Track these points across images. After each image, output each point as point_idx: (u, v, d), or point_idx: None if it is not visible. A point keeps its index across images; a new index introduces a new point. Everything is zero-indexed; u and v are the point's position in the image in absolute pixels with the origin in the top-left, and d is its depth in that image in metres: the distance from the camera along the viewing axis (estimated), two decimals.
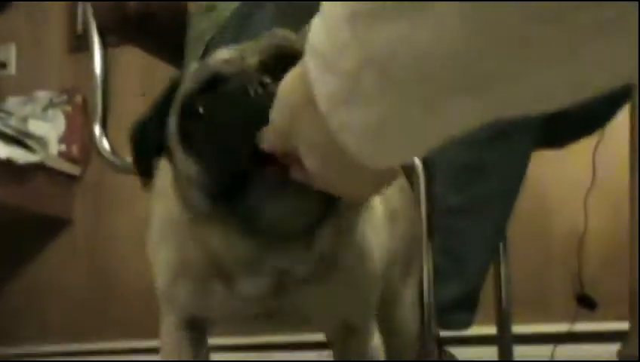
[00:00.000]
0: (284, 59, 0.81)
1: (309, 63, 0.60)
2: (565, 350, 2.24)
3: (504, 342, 1.90)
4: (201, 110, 0.85)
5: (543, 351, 2.24)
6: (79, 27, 3.23)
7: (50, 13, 3.34)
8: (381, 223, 1.08)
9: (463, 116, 0.55)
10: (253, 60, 0.85)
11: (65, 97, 3.16)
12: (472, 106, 0.53)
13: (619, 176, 2.19)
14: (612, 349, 2.06)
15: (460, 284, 1.53)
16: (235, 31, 1.59)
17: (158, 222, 1.06)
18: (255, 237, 0.89)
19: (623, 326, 1.59)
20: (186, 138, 0.87)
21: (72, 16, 3.28)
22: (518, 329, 1.96)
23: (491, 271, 1.79)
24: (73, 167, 3.16)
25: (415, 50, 0.51)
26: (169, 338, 1.13)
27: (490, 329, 1.94)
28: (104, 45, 1.71)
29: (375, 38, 0.52)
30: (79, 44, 3.21)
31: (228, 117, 0.81)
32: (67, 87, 3.18)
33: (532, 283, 2.46)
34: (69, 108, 3.14)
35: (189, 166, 0.87)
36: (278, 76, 0.77)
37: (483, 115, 0.55)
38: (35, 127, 2.99)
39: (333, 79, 0.57)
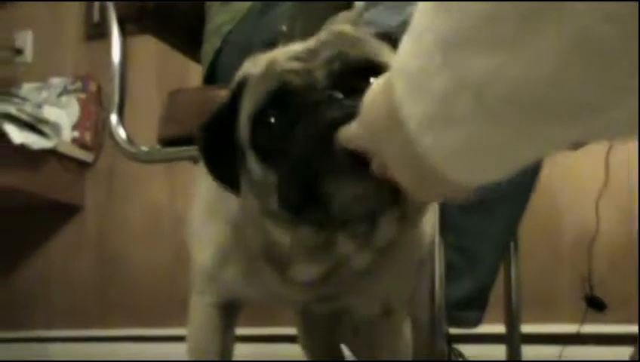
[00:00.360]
0: (352, 71, 0.84)
1: (396, 84, 0.61)
2: (573, 351, 2.23)
3: (513, 341, 1.90)
4: (273, 123, 0.85)
5: (551, 351, 2.23)
6: (96, 15, 3.24)
7: (68, 1, 3.35)
8: (431, 216, 1.10)
9: (553, 141, 0.55)
10: (320, 73, 0.85)
11: (79, 84, 3.17)
12: (565, 132, 0.53)
13: (631, 179, 2.19)
14: (620, 351, 2.06)
15: (471, 282, 1.53)
16: (252, 25, 1.60)
17: (209, 198, 1.06)
18: (325, 228, 0.89)
19: (632, 328, 1.59)
20: (260, 149, 0.88)
21: (89, 5, 3.28)
22: (526, 328, 1.96)
23: (501, 270, 1.79)
24: (86, 154, 3.17)
25: (512, 80, 0.51)
26: (201, 315, 1.13)
27: (499, 328, 1.94)
28: (123, 34, 1.71)
29: (469, 66, 0.53)
30: (95, 32, 3.21)
31: (302, 133, 0.82)
32: (82, 75, 3.19)
33: (541, 283, 2.46)
34: (83, 96, 3.15)
35: (266, 176, 0.88)
36: (345, 88, 0.81)
37: (573, 139, 0.55)
38: (50, 113, 3.00)
39: (424, 102, 0.57)
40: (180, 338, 1.23)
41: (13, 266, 3.35)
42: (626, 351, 1.99)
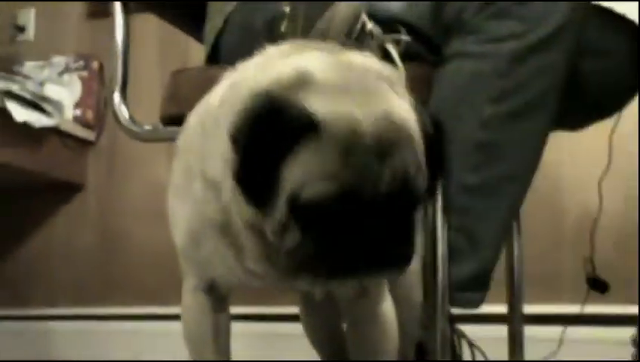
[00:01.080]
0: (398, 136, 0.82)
1: None
2: (575, 332, 2.24)
3: (514, 321, 1.91)
4: (329, 215, 0.82)
5: (553, 332, 2.24)
6: None
7: None
8: None
9: None
10: (368, 132, 0.81)
11: (81, 63, 3.16)
12: None
13: (634, 159, 2.18)
14: (622, 332, 2.06)
15: (473, 263, 1.53)
16: (254, 4, 1.59)
17: (180, 179, 1.05)
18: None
19: (634, 309, 1.59)
20: (304, 220, 0.84)
21: None
22: (528, 309, 1.97)
23: (504, 251, 1.79)
24: (88, 132, 3.17)
25: None
26: (189, 299, 1.12)
27: (501, 308, 1.94)
28: (125, 12, 1.70)
29: None
30: (97, 10, 3.20)
31: (353, 250, 0.82)
32: (84, 53, 3.18)
33: (544, 264, 2.46)
34: (85, 74, 3.14)
35: (296, 237, 0.85)
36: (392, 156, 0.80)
37: None
38: (52, 91, 2.99)
39: None
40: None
41: (14, 244, 3.35)
42: (628, 332, 1.99)
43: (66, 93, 3.05)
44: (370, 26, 1.42)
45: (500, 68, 1.46)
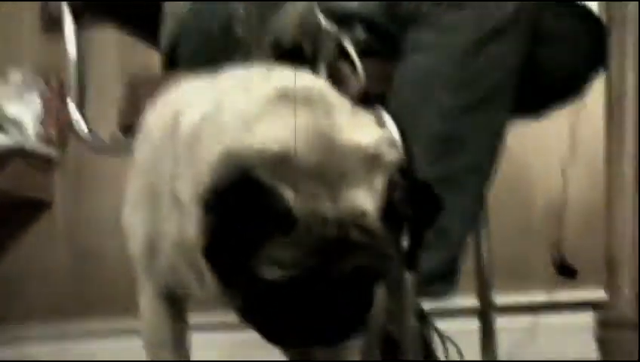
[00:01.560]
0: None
1: None
2: (547, 319, 2.25)
3: (486, 312, 1.91)
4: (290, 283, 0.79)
5: (525, 321, 2.25)
6: (51, 7, 3.19)
7: None
8: None
9: None
10: (338, 226, 0.78)
11: (40, 79, 3.13)
12: None
13: (598, 145, 2.20)
14: (591, 317, 2.07)
15: (439, 254, 1.53)
16: (209, 8, 1.58)
17: (140, 196, 1.03)
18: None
19: (603, 294, 1.60)
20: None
21: None
22: (499, 299, 1.97)
23: (471, 241, 1.79)
24: (52, 150, 3.14)
25: None
26: (147, 308, 1.11)
27: (472, 301, 1.95)
28: (78, 25, 1.69)
29: None
30: (53, 25, 3.17)
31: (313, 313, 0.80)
32: (43, 69, 3.15)
33: (513, 254, 2.47)
34: (45, 90, 3.11)
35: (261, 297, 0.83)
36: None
37: None
38: (11, 110, 2.96)
39: None
40: None
41: None
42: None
43: (25, 111, 3.02)
44: (324, 23, 1.42)
45: (455, 59, 1.46)
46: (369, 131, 0.80)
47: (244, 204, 0.77)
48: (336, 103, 0.82)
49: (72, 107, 1.67)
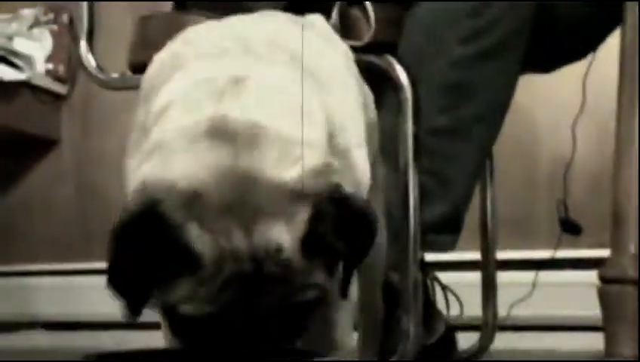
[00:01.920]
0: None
1: None
2: (548, 276, 2.25)
3: (488, 267, 1.92)
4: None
5: (526, 276, 2.25)
6: None
7: None
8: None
9: None
10: (243, 245, 0.76)
11: (51, 16, 3.11)
12: None
13: (608, 102, 2.18)
14: (594, 274, 2.07)
15: (444, 205, 1.53)
16: None
17: (133, 134, 1.03)
18: None
19: (606, 252, 1.60)
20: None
21: None
22: (501, 254, 1.97)
23: (477, 195, 1.79)
24: (60, 86, 3.13)
25: None
26: None
27: (475, 255, 1.95)
28: None
29: None
30: None
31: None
32: (54, 6, 3.13)
33: (517, 209, 2.47)
34: (55, 27, 3.09)
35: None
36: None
37: None
38: (21, 45, 2.95)
39: None
40: None
41: None
42: None
43: (36, 48, 3.01)
44: None
45: (469, 7, 1.45)
46: (294, 166, 0.78)
47: (145, 239, 0.77)
48: (270, 136, 0.80)
49: (82, 44, 1.66)
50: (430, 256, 1.79)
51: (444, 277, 1.87)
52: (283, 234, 0.76)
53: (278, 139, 0.79)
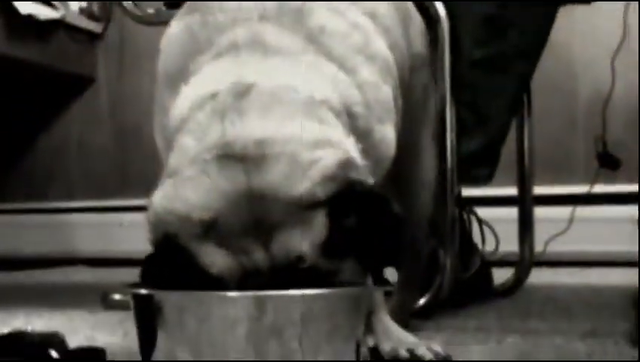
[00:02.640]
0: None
1: None
2: (585, 211, 2.24)
3: (525, 202, 1.91)
4: None
5: (563, 212, 2.25)
6: None
7: None
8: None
9: None
10: (262, 260, 0.78)
11: None
12: None
13: None
14: (631, 210, 2.06)
15: (481, 138, 1.52)
16: None
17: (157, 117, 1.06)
18: None
19: None
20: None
21: None
22: (538, 190, 1.97)
23: (514, 130, 1.78)
24: (94, 24, 3.14)
25: None
26: None
27: (512, 190, 1.94)
28: None
29: None
30: None
31: None
32: None
33: (555, 145, 2.45)
34: None
35: None
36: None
37: None
38: None
39: None
40: None
41: (30, 139, 3.37)
42: (636, 210, 1.99)
43: None
44: None
45: None
46: (306, 174, 0.78)
47: (169, 269, 0.80)
48: (277, 149, 0.79)
49: None
50: (467, 192, 1.79)
51: (481, 212, 1.87)
52: (302, 243, 0.77)
53: (286, 151, 0.79)
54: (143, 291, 0.79)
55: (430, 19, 1.42)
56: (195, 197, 0.79)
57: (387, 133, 1.01)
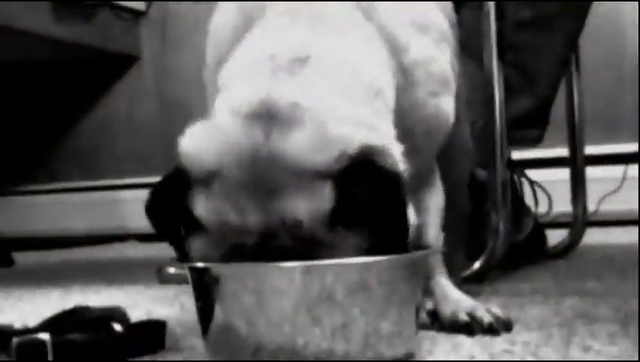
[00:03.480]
0: None
1: None
2: (636, 170, 2.22)
3: (576, 162, 1.89)
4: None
5: (615, 170, 2.22)
6: None
7: None
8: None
9: None
10: (255, 221, 0.79)
11: None
12: None
13: None
14: None
15: (530, 98, 1.51)
16: None
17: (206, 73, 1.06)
18: None
19: None
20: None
21: None
22: (589, 150, 1.95)
23: (563, 90, 1.76)
24: (138, 3, 3.16)
25: None
26: None
27: (563, 151, 1.92)
28: None
29: None
30: None
31: None
32: None
33: (604, 103, 2.42)
34: None
35: None
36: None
37: None
38: None
39: None
40: None
41: (77, 118, 3.41)
42: None
43: None
44: None
45: None
46: (322, 150, 0.78)
47: (171, 199, 0.83)
48: (309, 117, 0.80)
49: None
50: (518, 154, 1.77)
51: (533, 174, 1.86)
52: (303, 210, 0.77)
53: (314, 121, 0.79)
54: (200, 264, 0.80)
55: None
56: (213, 144, 0.81)
57: (442, 105, 1.01)
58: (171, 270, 1.72)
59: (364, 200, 0.78)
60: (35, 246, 2.95)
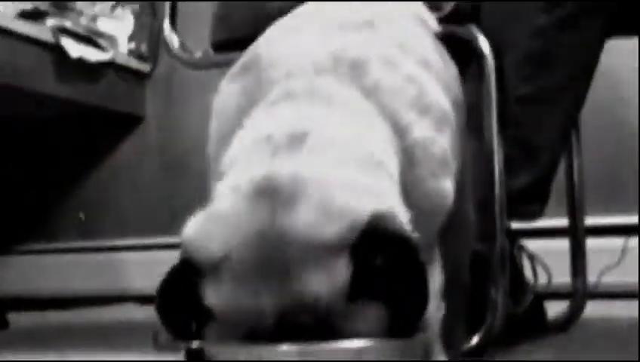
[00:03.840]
0: None
1: None
2: (637, 241, 2.21)
3: (576, 233, 1.89)
4: None
5: (616, 242, 2.21)
6: None
7: None
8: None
9: None
10: (270, 305, 0.76)
11: None
12: None
13: None
14: None
15: (530, 174, 1.51)
16: None
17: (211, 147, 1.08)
18: None
19: None
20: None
21: None
22: (590, 220, 1.94)
23: (564, 161, 1.77)
24: (143, 65, 3.18)
25: None
26: None
27: (562, 222, 1.92)
28: None
29: None
30: None
31: None
32: None
33: (605, 174, 2.42)
34: (136, 7, 3.14)
35: None
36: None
37: None
38: (105, 25, 3.00)
39: None
40: None
41: (81, 177, 3.41)
42: None
43: (119, 27, 3.06)
44: None
45: None
46: (332, 221, 0.76)
47: (181, 292, 0.80)
48: (311, 189, 0.78)
49: (165, 24, 1.68)
50: (517, 224, 1.77)
51: (532, 244, 1.85)
52: (321, 285, 0.75)
53: (319, 193, 0.78)
54: (194, 344, 0.79)
55: (477, 56, 1.42)
56: (218, 230, 0.79)
57: (441, 186, 1.01)
58: (168, 336, 1.71)
59: (383, 268, 0.77)
60: (33, 307, 2.94)
